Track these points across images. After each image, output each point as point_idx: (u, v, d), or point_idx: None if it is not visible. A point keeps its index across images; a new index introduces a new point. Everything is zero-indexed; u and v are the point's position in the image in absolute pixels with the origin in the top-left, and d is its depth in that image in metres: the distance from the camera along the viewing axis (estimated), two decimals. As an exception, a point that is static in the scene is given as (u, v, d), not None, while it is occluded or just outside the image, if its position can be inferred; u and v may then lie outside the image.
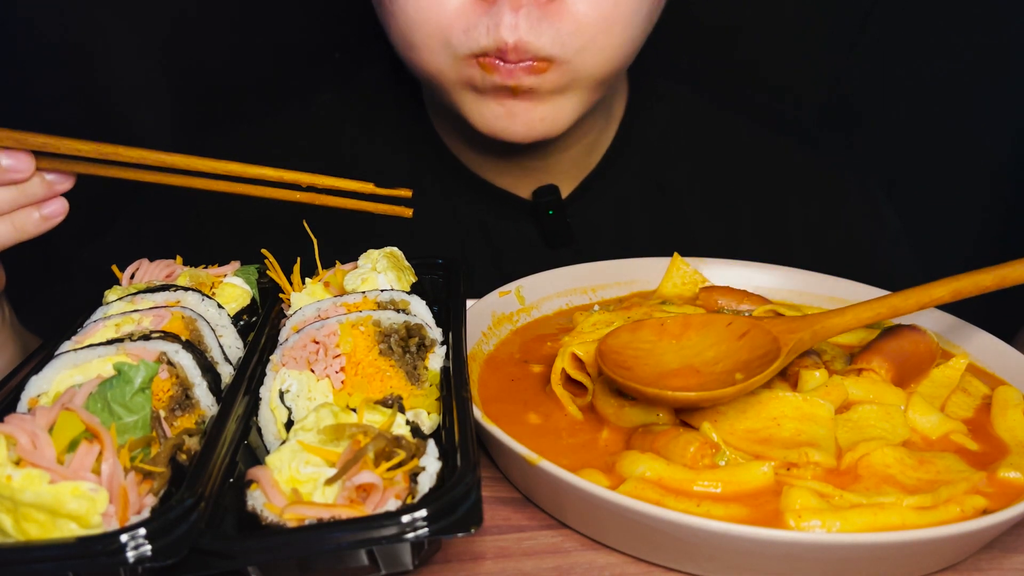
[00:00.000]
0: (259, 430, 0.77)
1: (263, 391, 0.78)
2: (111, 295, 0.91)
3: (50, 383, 0.75)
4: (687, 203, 1.34)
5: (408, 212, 0.89)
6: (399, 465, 0.64)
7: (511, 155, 1.26)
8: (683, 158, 1.34)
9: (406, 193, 0.86)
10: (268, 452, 0.75)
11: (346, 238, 0.95)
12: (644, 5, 1.08)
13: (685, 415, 0.82)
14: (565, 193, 1.29)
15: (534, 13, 0.99)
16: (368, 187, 0.85)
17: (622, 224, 1.32)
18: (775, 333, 0.81)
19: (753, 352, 0.81)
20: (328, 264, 0.94)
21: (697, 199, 1.34)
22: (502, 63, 1.02)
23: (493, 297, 1.02)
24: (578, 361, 0.90)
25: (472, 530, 0.60)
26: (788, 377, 0.90)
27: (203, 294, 0.88)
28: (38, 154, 0.85)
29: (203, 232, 1.29)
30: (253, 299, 0.96)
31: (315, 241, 0.93)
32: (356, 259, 0.94)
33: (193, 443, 0.73)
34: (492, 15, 1.00)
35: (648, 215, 1.32)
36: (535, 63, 1.03)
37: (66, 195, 0.89)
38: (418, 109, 1.30)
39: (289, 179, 0.84)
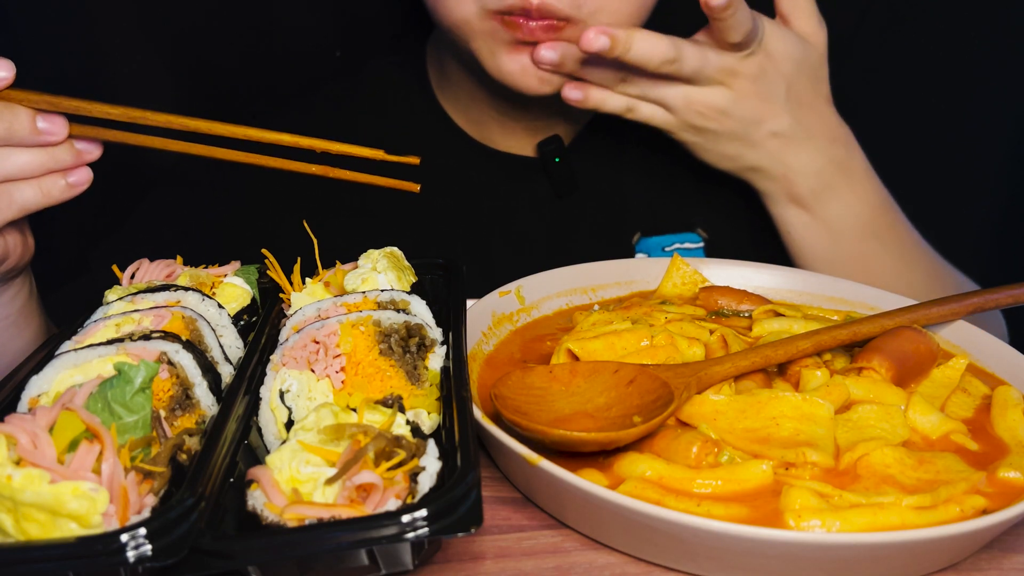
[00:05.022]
0: (259, 430, 0.77)
1: (263, 391, 0.78)
2: (111, 295, 0.91)
3: (50, 383, 0.75)
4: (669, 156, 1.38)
5: (415, 187, 0.94)
6: (399, 465, 0.64)
7: (514, 117, 1.33)
8: None
9: (414, 160, 0.91)
10: (268, 452, 0.75)
11: (352, 230, 0.97)
12: None
13: (684, 416, 0.82)
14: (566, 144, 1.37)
15: None
16: (379, 154, 0.91)
17: (618, 172, 1.39)
18: (664, 378, 0.82)
19: (644, 397, 0.81)
20: (328, 264, 0.94)
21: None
22: (524, 21, 1.13)
23: (493, 297, 1.02)
24: (574, 358, 0.90)
25: (472, 530, 0.60)
26: (789, 377, 0.90)
27: (203, 294, 0.88)
28: (68, 120, 0.88)
29: (216, 229, 1.31)
30: (253, 299, 0.96)
31: (315, 241, 0.93)
32: (356, 259, 0.94)
33: (193, 443, 0.73)
34: None
35: (641, 164, 1.38)
36: (554, 22, 1.13)
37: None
38: (424, 90, 1.38)
39: (305, 144, 0.91)
